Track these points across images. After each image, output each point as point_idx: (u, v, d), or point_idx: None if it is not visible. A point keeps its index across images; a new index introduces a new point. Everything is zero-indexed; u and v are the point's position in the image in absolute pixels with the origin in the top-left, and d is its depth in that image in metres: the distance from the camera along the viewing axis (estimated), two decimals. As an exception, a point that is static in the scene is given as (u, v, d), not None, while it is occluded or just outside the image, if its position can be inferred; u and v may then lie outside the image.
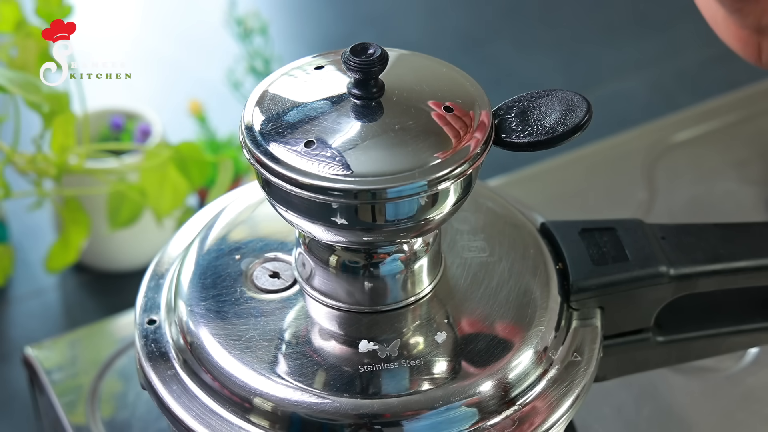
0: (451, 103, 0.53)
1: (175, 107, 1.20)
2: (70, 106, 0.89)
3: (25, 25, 0.92)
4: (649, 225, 0.62)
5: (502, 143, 0.54)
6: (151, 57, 1.34)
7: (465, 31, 1.39)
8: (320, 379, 0.54)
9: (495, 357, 0.55)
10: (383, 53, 0.52)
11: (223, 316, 0.57)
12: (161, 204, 0.93)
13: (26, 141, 0.95)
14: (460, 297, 0.58)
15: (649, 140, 0.96)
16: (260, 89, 0.55)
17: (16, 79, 0.85)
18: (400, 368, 0.54)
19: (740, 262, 0.61)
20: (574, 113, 0.54)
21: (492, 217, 0.62)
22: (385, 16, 1.43)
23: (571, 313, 0.59)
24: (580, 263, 0.60)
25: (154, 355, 0.57)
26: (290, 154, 0.51)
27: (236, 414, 0.54)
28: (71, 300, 1.05)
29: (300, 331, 0.56)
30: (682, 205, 0.90)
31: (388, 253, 0.55)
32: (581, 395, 0.57)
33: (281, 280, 0.58)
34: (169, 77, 1.32)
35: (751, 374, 0.77)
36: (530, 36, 1.39)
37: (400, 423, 0.53)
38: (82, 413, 0.74)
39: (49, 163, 0.91)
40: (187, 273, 0.59)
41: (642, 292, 0.60)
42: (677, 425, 0.75)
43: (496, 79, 1.28)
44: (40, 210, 0.98)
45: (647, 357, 0.65)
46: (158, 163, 0.93)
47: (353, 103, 0.53)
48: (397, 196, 0.50)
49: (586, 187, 0.93)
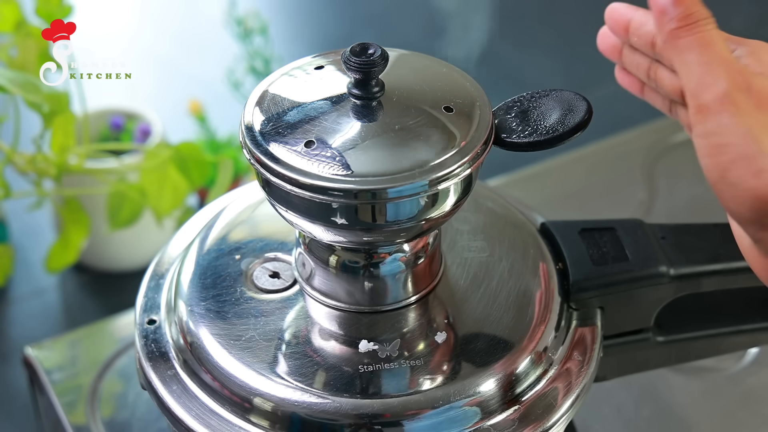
0: (451, 103, 0.53)
1: (175, 107, 1.20)
2: (70, 106, 0.89)
3: (25, 25, 0.92)
4: (649, 225, 0.62)
5: (502, 143, 0.54)
6: (151, 57, 1.34)
7: (465, 31, 1.39)
8: (320, 379, 0.54)
9: (495, 357, 0.55)
10: (383, 53, 0.52)
11: (223, 316, 0.57)
12: (161, 204, 0.93)
13: (26, 141, 0.95)
14: (460, 297, 0.58)
15: (649, 140, 0.96)
16: (260, 89, 0.55)
17: (16, 79, 0.85)
18: (400, 368, 0.54)
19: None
20: (574, 113, 0.54)
21: (492, 217, 0.62)
22: (384, 16, 1.43)
23: (571, 313, 0.59)
24: (580, 263, 0.60)
25: (154, 355, 0.57)
26: (290, 154, 0.51)
27: (236, 414, 0.54)
28: (71, 300, 1.05)
29: (300, 331, 0.56)
30: (682, 205, 0.90)
31: (388, 253, 0.55)
32: (581, 395, 0.57)
33: (281, 280, 0.58)
34: (169, 77, 1.32)
35: (751, 374, 0.77)
36: (530, 36, 1.39)
37: (400, 423, 0.53)
38: (82, 413, 0.74)
39: (49, 163, 0.91)
40: (187, 273, 0.59)
41: (642, 292, 0.60)
42: (677, 425, 0.75)
43: (496, 79, 1.28)
44: (40, 210, 0.98)
45: (647, 357, 0.65)
46: (158, 163, 0.93)
47: (353, 103, 0.53)
48: (397, 196, 0.50)
49: (586, 187, 0.94)
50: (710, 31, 0.50)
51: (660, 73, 0.57)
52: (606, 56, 0.61)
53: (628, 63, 0.59)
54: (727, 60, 0.50)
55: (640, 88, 0.61)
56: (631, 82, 0.61)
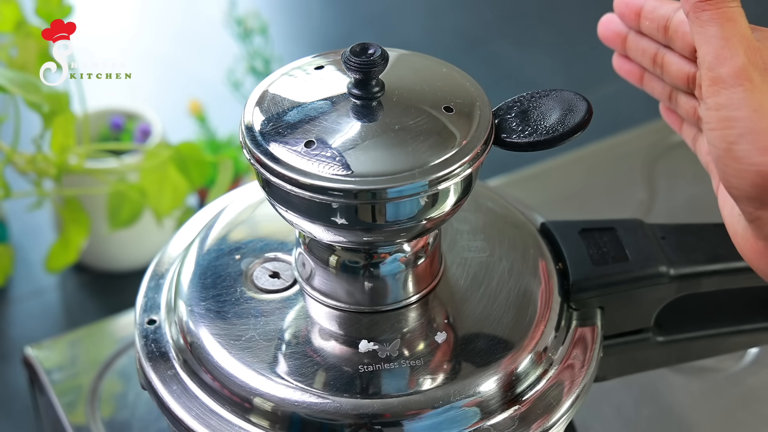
0: (451, 103, 0.53)
1: (175, 107, 1.20)
2: (70, 106, 0.89)
3: (25, 25, 0.92)
4: (649, 225, 0.62)
5: (502, 143, 0.54)
6: (151, 57, 1.34)
7: (465, 31, 1.39)
8: (320, 379, 0.54)
9: (495, 357, 0.55)
10: (383, 53, 0.52)
11: (223, 316, 0.57)
12: (161, 204, 0.93)
13: (26, 141, 0.95)
14: (460, 297, 0.58)
15: (649, 140, 0.96)
16: (260, 89, 0.55)
17: (16, 79, 0.85)
18: (400, 368, 0.54)
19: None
20: (574, 113, 0.54)
21: (492, 217, 0.62)
22: (384, 16, 1.43)
23: (571, 313, 0.59)
24: (580, 263, 0.60)
25: (154, 355, 0.57)
26: (290, 154, 0.51)
27: (236, 414, 0.54)
28: (71, 300, 1.05)
29: (300, 331, 0.56)
30: (682, 205, 0.90)
31: (388, 253, 0.55)
32: (581, 395, 0.57)
33: (281, 280, 0.58)
34: (169, 77, 1.32)
35: (751, 374, 0.77)
36: (530, 36, 1.39)
37: (400, 423, 0.53)
38: (82, 413, 0.74)
39: (49, 163, 0.91)
40: (187, 273, 0.59)
41: (642, 292, 0.60)
42: (677, 425, 0.75)
43: (496, 79, 1.28)
44: (40, 210, 0.98)
45: (647, 357, 0.65)
46: (158, 163, 0.93)
47: (353, 103, 0.53)
48: (397, 196, 0.50)
49: (586, 187, 0.93)
50: (734, 9, 0.51)
51: (668, 58, 0.58)
52: (606, 44, 0.62)
53: (633, 49, 0.60)
54: (747, 37, 0.51)
55: (639, 77, 0.62)
56: (631, 70, 0.62)
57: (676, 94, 0.60)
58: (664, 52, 0.59)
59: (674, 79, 0.58)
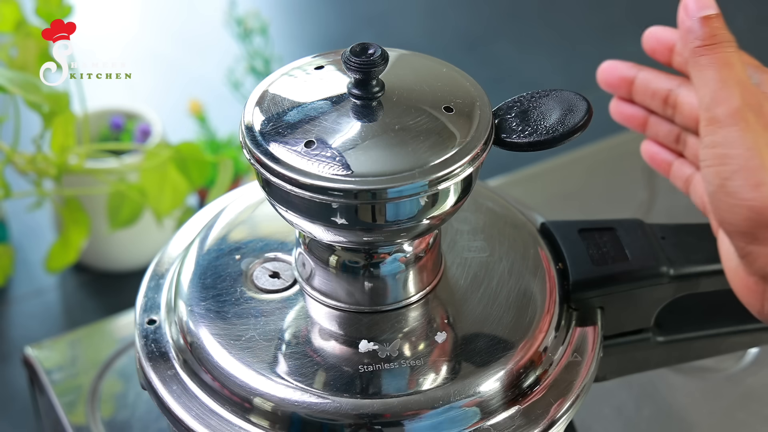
0: (451, 103, 0.53)
1: (175, 107, 1.20)
2: (70, 106, 0.89)
3: (25, 25, 0.92)
4: (649, 225, 0.62)
5: (502, 143, 0.54)
6: (151, 57, 1.34)
7: (465, 31, 1.39)
8: (320, 379, 0.54)
9: (495, 357, 0.55)
10: (383, 53, 0.52)
11: (223, 316, 0.57)
12: (161, 204, 0.93)
13: (26, 141, 0.95)
14: (460, 297, 0.58)
15: (649, 140, 0.96)
16: (260, 89, 0.55)
17: (16, 79, 0.85)
18: (400, 368, 0.54)
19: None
20: (574, 113, 0.54)
21: (492, 217, 0.62)
22: (384, 16, 1.43)
23: (571, 313, 0.59)
24: (580, 263, 0.60)
25: (154, 355, 0.57)
26: (290, 154, 0.51)
27: (236, 414, 0.54)
28: (71, 300, 1.05)
29: (300, 331, 0.56)
30: (682, 205, 0.90)
31: (388, 253, 0.55)
32: (581, 395, 0.57)
33: (281, 280, 0.58)
34: (169, 77, 1.32)
35: (751, 374, 0.77)
36: (530, 36, 1.39)
37: (400, 423, 0.53)
38: (82, 413, 0.74)
39: (49, 163, 0.91)
40: (187, 273, 0.59)
41: (642, 292, 0.60)
42: (677, 425, 0.75)
43: (496, 79, 1.28)
44: (40, 210, 0.98)
45: (647, 357, 0.65)
46: (158, 163, 0.93)
47: (353, 103, 0.53)
48: (397, 196, 0.50)
49: (586, 187, 0.94)
50: (731, 54, 0.54)
51: (681, 98, 0.61)
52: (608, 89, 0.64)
53: (641, 92, 0.63)
54: (742, 81, 0.53)
55: (642, 120, 0.64)
56: (633, 115, 0.64)
57: (684, 135, 0.62)
58: (677, 92, 0.61)
59: (685, 120, 0.60)
